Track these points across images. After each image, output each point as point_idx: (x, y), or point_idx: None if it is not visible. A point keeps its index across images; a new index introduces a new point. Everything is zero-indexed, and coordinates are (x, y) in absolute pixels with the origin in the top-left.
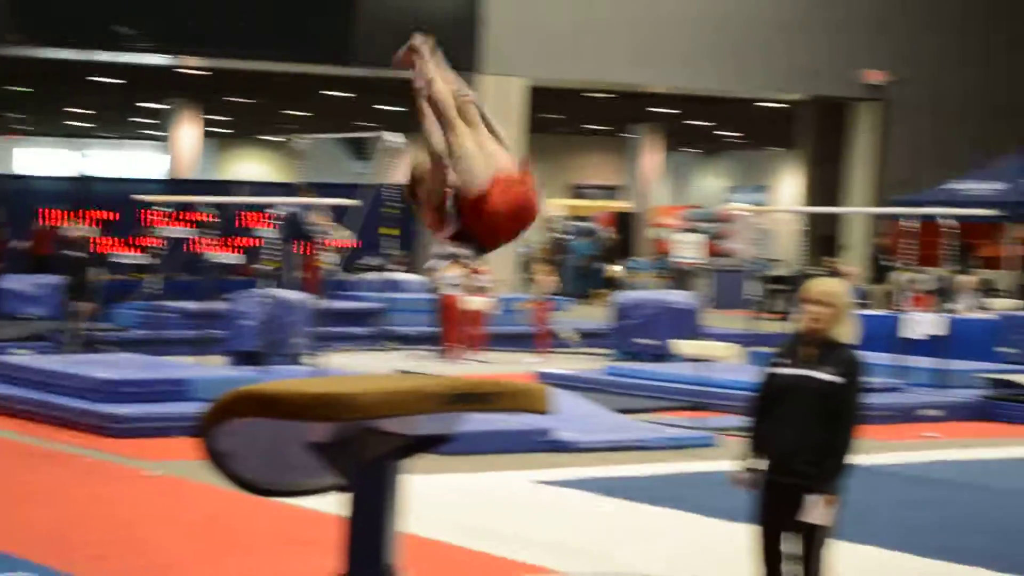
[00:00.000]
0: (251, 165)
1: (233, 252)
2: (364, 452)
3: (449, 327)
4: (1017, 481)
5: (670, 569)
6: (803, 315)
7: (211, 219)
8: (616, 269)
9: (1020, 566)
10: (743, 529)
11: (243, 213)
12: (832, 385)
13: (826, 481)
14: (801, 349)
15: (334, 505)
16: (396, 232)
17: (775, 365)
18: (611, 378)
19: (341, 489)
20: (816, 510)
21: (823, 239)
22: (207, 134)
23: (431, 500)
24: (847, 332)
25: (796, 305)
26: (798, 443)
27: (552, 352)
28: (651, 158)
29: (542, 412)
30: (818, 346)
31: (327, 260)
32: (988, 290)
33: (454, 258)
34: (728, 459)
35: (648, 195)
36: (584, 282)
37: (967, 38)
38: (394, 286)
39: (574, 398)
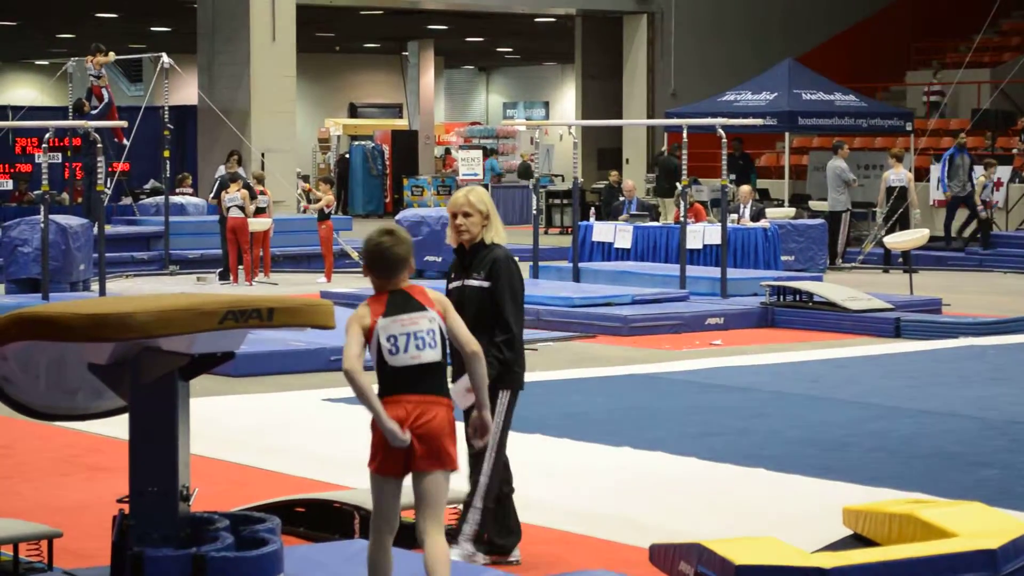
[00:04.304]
0: (22, 90)
1: (7, 178)
2: (144, 372)
3: (235, 249)
4: (796, 384)
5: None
6: (451, 229)
7: None
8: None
9: (799, 467)
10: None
11: (18, 139)
12: (482, 289)
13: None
14: (460, 260)
15: (123, 429)
16: (166, 154)
17: (448, 279)
18: None
19: (125, 411)
20: (460, 396)
21: (606, 153)
22: None
23: (221, 420)
24: (495, 235)
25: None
26: None
27: (338, 272)
28: (428, 75)
29: (325, 327)
30: (471, 254)
31: (104, 184)
32: (764, 199)
33: (235, 178)
34: None
35: (427, 113)
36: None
37: None
38: (174, 209)
39: None
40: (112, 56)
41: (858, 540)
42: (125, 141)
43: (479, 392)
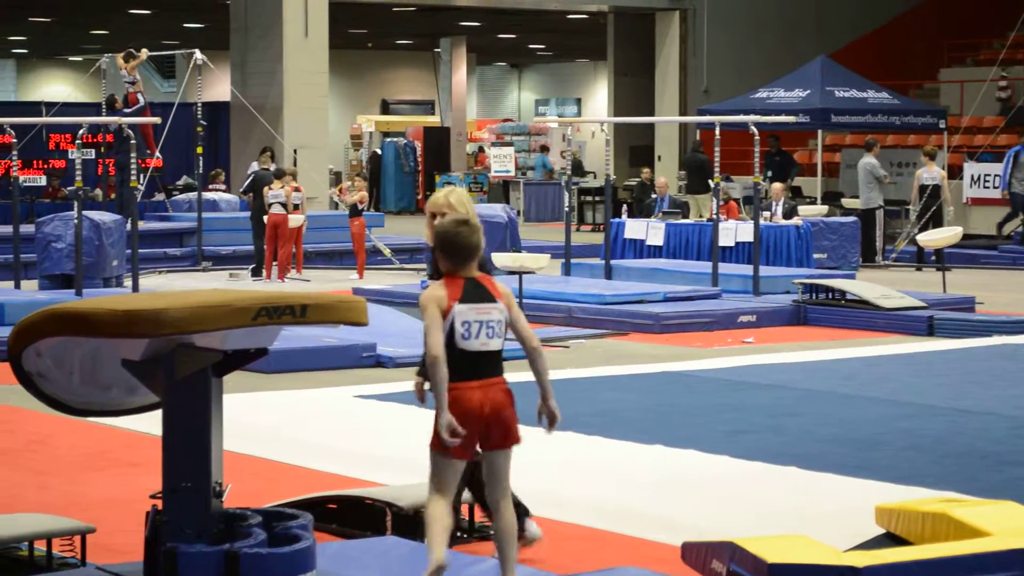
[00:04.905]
0: (55, 86)
1: (41, 174)
2: (177, 368)
3: (271, 246)
4: (830, 382)
5: None
6: (427, 228)
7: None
8: None
9: (831, 465)
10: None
11: (51, 135)
12: None
13: None
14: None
15: (156, 425)
16: (199, 150)
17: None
18: None
19: (158, 407)
20: None
21: (638, 150)
22: (1, 55)
23: (254, 417)
24: None
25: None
26: None
27: (370, 268)
28: (461, 72)
29: (358, 324)
30: None
31: (137, 180)
32: (797, 197)
33: (280, 175)
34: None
35: (459, 110)
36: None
37: None
38: (207, 205)
39: (393, 313)
40: (145, 54)
41: (891, 539)
42: (158, 154)
43: (544, 382)
